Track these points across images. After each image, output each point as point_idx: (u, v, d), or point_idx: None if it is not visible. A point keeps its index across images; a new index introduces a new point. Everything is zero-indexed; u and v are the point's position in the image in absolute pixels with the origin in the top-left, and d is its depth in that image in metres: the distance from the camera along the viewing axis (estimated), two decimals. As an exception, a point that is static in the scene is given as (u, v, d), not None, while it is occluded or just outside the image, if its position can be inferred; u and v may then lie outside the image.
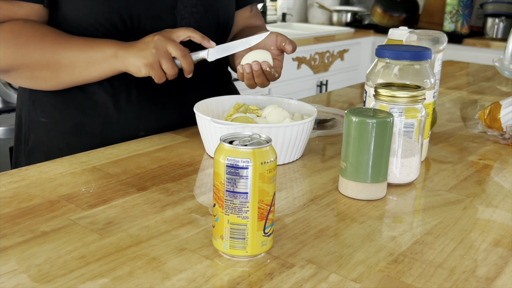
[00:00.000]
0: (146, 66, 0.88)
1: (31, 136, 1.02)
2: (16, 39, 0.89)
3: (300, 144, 0.88)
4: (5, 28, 0.89)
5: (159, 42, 0.87)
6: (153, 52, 0.87)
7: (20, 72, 0.92)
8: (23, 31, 0.90)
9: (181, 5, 0.98)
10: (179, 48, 0.88)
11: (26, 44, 0.89)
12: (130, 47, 0.89)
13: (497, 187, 0.82)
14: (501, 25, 3.15)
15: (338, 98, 1.42)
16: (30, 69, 0.91)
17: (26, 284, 0.52)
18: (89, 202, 0.71)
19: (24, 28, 0.90)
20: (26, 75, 0.92)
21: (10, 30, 0.89)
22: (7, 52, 0.89)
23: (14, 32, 0.89)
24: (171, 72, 0.89)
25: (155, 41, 0.87)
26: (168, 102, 1.01)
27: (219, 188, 0.56)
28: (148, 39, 0.88)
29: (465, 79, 1.76)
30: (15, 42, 0.89)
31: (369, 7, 3.78)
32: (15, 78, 0.94)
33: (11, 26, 0.90)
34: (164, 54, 0.88)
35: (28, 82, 0.94)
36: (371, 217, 0.70)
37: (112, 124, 0.98)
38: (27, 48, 0.89)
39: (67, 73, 0.91)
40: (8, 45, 0.89)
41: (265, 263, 0.58)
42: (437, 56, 0.97)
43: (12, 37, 0.89)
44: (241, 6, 1.15)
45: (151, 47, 0.87)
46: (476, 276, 0.57)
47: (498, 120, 1.05)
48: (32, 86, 0.96)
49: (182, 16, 0.99)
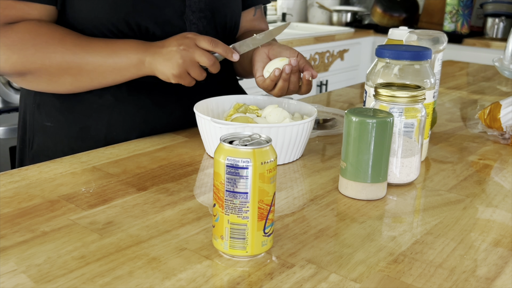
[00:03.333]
0: (174, 76, 0.88)
1: (35, 140, 1.01)
2: (35, 40, 0.87)
3: (300, 144, 0.88)
4: (21, 28, 0.87)
5: (184, 53, 0.87)
6: (180, 63, 0.87)
7: (37, 75, 0.89)
8: (40, 31, 0.87)
9: (189, 10, 0.98)
10: (207, 58, 0.88)
11: (45, 46, 0.87)
12: (155, 54, 0.88)
13: (497, 187, 0.82)
14: (501, 25, 3.15)
15: (338, 98, 1.42)
16: (49, 72, 0.89)
17: (26, 284, 0.52)
18: (89, 202, 0.71)
19: (42, 29, 0.88)
20: (44, 78, 0.90)
21: (27, 30, 0.87)
22: (26, 53, 0.87)
23: (31, 33, 0.87)
24: (200, 78, 0.90)
25: (180, 52, 0.87)
26: (175, 106, 1.01)
27: (219, 188, 0.56)
28: (173, 47, 0.87)
29: (465, 79, 1.76)
30: (33, 43, 0.86)
31: (369, 7, 3.78)
32: (31, 82, 0.92)
33: (27, 26, 0.87)
34: (191, 64, 0.88)
35: (45, 85, 0.92)
36: (371, 217, 0.70)
37: (117, 128, 0.97)
38: (47, 50, 0.87)
39: (89, 78, 0.90)
40: (26, 46, 0.86)
41: (265, 263, 0.58)
42: (437, 56, 0.97)
43: (30, 38, 0.86)
44: (245, 8, 1.15)
45: (177, 58, 0.87)
46: (476, 276, 0.57)
47: (498, 120, 1.05)
48: (49, 89, 0.93)
49: (191, 22, 0.98)
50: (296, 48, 2.83)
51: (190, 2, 0.98)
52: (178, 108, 1.01)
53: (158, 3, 0.94)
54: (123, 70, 0.90)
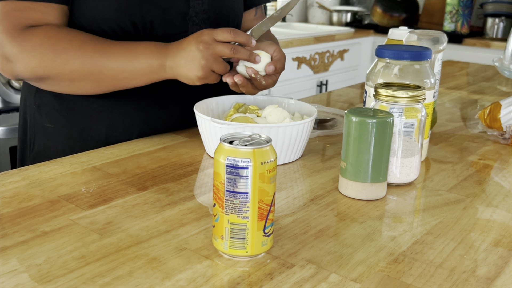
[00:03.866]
0: (200, 78, 0.87)
1: (36, 141, 1.01)
2: (55, 45, 0.86)
3: (300, 144, 0.88)
4: (41, 32, 0.86)
5: (206, 52, 0.85)
6: (203, 64, 0.85)
7: (58, 80, 0.89)
8: (60, 36, 0.87)
9: (193, 11, 0.98)
10: (228, 48, 0.86)
11: (65, 51, 0.86)
12: (175, 57, 0.87)
13: (497, 187, 0.82)
14: (501, 25, 3.15)
15: (338, 98, 1.42)
16: (69, 78, 0.88)
17: (26, 284, 0.52)
18: (89, 202, 0.71)
19: (61, 34, 0.87)
20: (65, 83, 0.90)
21: (47, 35, 0.86)
22: (46, 59, 0.86)
23: (51, 38, 0.86)
24: (225, 72, 0.89)
25: (201, 52, 0.85)
26: (176, 107, 1.01)
27: (219, 188, 0.56)
28: (193, 47, 0.86)
29: (465, 79, 1.76)
30: (53, 49, 0.86)
31: (369, 7, 3.78)
32: (52, 85, 0.91)
33: (47, 31, 0.87)
34: (215, 61, 0.86)
35: (66, 89, 0.92)
36: (371, 217, 0.70)
37: (118, 128, 0.97)
38: (67, 55, 0.86)
39: (110, 84, 0.90)
40: (46, 51, 0.86)
41: (265, 263, 0.58)
42: (437, 56, 0.97)
43: (50, 43, 0.86)
44: (247, 8, 1.15)
45: (199, 59, 0.85)
46: (476, 276, 0.57)
47: (498, 120, 1.05)
48: (70, 92, 0.94)
49: (194, 23, 0.98)
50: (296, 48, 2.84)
51: (194, 3, 0.98)
52: (179, 109, 1.01)
53: (163, 3, 0.94)
54: (144, 75, 0.89)
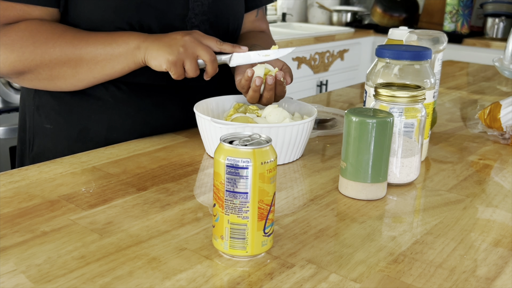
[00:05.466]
0: (169, 62, 0.86)
1: (36, 141, 1.01)
2: (34, 37, 0.86)
3: (300, 144, 0.88)
4: (21, 26, 0.87)
5: (189, 43, 0.86)
6: (181, 50, 0.86)
7: (37, 72, 0.89)
8: (41, 29, 0.87)
9: (192, 13, 0.98)
10: (209, 53, 0.87)
11: (45, 42, 0.86)
12: (156, 40, 0.87)
13: (497, 187, 0.82)
14: (501, 25, 3.15)
15: (338, 98, 1.42)
16: (49, 67, 0.88)
17: (26, 284, 0.52)
18: (89, 202, 0.71)
19: (42, 26, 0.87)
20: (44, 75, 0.89)
21: (27, 28, 0.87)
22: (25, 51, 0.86)
23: (32, 31, 0.87)
24: (193, 74, 0.88)
25: (185, 40, 0.86)
26: (176, 108, 1.00)
27: (219, 188, 0.56)
28: (178, 36, 0.87)
29: (465, 79, 1.76)
30: (33, 41, 0.86)
31: (369, 7, 3.78)
32: (31, 80, 0.91)
33: (28, 25, 0.87)
34: (191, 56, 0.87)
35: (45, 83, 0.91)
36: (371, 217, 0.70)
37: (117, 130, 0.97)
38: (47, 46, 0.86)
39: (89, 68, 0.89)
40: (26, 43, 0.86)
41: (265, 263, 0.58)
42: (437, 56, 0.97)
43: (30, 36, 0.86)
44: (248, 9, 1.14)
45: (179, 45, 0.86)
46: (476, 276, 0.57)
47: (498, 120, 1.05)
48: (50, 87, 0.92)
49: (193, 24, 0.98)
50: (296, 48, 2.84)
51: (193, 5, 0.97)
52: (179, 110, 1.01)
53: (161, 6, 0.94)
54: (120, 56, 0.88)
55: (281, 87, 0.91)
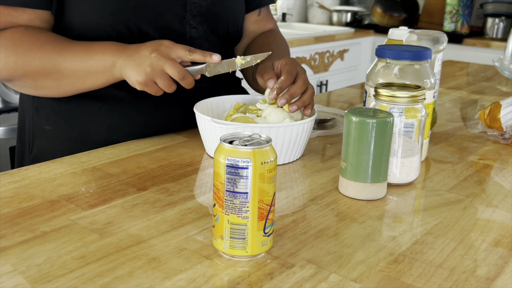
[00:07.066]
0: (139, 83, 0.84)
1: (35, 143, 1.01)
2: (16, 48, 0.87)
3: (300, 144, 0.88)
4: (6, 35, 0.87)
5: (155, 61, 0.82)
6: (148, 71, 0.83)
7: (23, 81, 0.90)
8: (23, 39, 0.87)
9: (190, 15, 0.97)
10: (177, 70, 0.83)
11: (26, 53, 0.87)
12: (128, 57, 0.85)
13: (497, 187, 0.82)
14: (501, 25, 3.15)
15: (338, 98, 1.42)
16: (32, 78, 0.89)
17: (26, 284, 0.52)
18: (89, 202, 0.71)
19: (25, 36, 0.88)
20: (29, 84, 0.91)
21: (11, 38, 0.87)
22: (8, 61, 0.87)
23: (14, 40, 0.87)
24: (168, 90, 0.85)
25: (151, 59, 0.82)
26: (176, 110, 1.00)
27: (219, 188, 0.56)
28: (146, 52, 0.83)
29: (465, 79, 1.76)
30: (15, 52, 0.87)
31: (369, 7, 3.78)
32: (20, 87, 0.93)
33: (11, 34, 0.87)
34: (160, 74, 0.83)
35: (33, 90, 0.93)
36: (371, 217, 0.70)
37: (118, 131, 0.97)
38: (27, 58, 0.87)
39: (70, 82, 0.90)
40: (8, 54, 0.87)
41: (265, 263, 0.58)
42: (437, 56, 0.97)
43: (12, 46, 0.87)
44: (249, 10, 1.14)
45: (146, 65, 0.83)
46: (476, 276, 0.57)
47: (498, 120, 1.05)
48: (38, 94, 0.94)
49: (191, 26, 0.98)
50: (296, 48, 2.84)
51: (191, 7, 0.97)
52: (179, 112, 1.01)
53: (158, 8, 0.93)
54: (99, 73, 0.88)
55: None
